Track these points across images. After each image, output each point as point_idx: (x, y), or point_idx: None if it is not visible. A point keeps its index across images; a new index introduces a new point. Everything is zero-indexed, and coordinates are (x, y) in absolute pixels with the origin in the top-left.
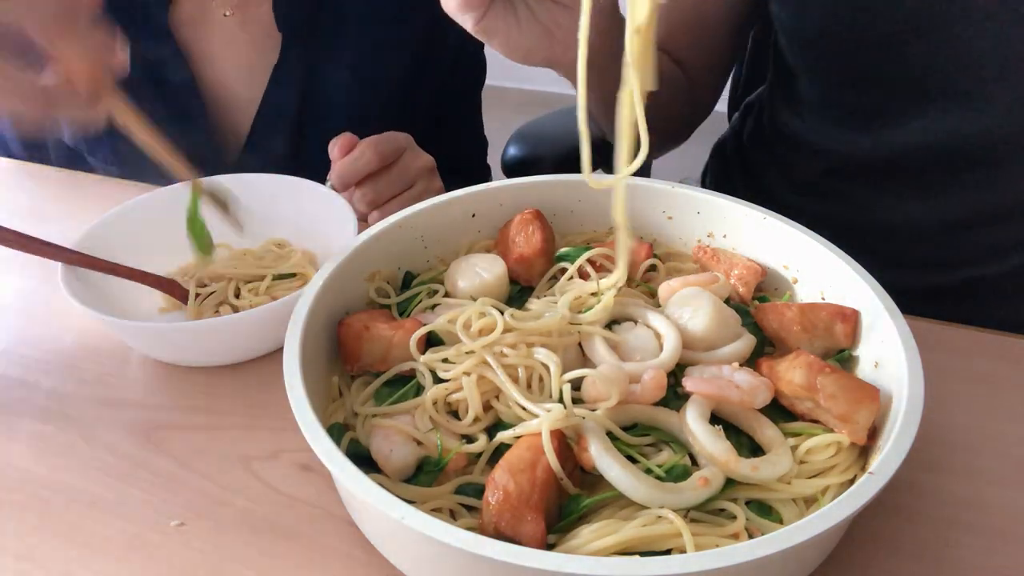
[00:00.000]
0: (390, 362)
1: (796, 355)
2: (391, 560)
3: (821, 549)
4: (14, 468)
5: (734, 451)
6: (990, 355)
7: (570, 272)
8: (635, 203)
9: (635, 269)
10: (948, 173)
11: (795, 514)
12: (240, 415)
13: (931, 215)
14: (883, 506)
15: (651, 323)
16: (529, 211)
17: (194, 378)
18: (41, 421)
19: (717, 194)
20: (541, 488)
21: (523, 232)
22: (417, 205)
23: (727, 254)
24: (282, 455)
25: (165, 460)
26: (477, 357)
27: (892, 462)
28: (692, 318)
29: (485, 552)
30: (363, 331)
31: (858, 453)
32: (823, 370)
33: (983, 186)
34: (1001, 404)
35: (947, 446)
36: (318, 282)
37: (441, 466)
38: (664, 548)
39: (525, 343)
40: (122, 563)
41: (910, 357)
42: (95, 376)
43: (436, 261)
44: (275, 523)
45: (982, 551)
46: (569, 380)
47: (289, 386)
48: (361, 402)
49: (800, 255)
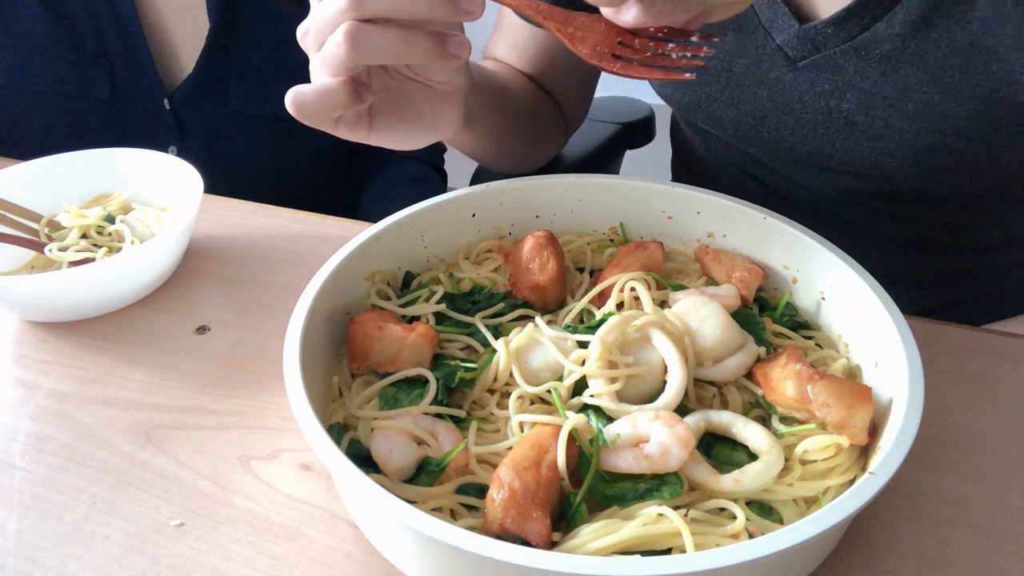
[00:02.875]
0: (399, 364)
1: (787, 360)
2: (391, 560)
3: (821, 549)
4: (14, 468)
5: (713, 471)
6: (990, 355)
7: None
8: (635, 203)
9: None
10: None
11: (795, 514)
12: (240, 415)
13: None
14: (883, 506)
15: (660, 349)
16: (543, 235)
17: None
18: (41, 421)
19: (717, 194)
20: (546, 486)
21: (538, 258)
22: (417, 205)
23: (728, 255)
24: (282, 455)
25: (165, 460)
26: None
27: (892, 462)
28: (701, 326)
29: (486, 552)
30: (375, 330)
31: (858, 453)
32: (812, 378)
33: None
34: (1001, 404)
35: (947, 446)
36: (319, 281)
37: (442, 466)
38: (664, 548)
39: None
40: (122, 563)
41: (910, 357)
42: (95, 376)
43: (436, 261)
44: (275, 523)
45: (982, 551)
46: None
47: (289, 386)
48: (363, 402)
49: (800, 255)
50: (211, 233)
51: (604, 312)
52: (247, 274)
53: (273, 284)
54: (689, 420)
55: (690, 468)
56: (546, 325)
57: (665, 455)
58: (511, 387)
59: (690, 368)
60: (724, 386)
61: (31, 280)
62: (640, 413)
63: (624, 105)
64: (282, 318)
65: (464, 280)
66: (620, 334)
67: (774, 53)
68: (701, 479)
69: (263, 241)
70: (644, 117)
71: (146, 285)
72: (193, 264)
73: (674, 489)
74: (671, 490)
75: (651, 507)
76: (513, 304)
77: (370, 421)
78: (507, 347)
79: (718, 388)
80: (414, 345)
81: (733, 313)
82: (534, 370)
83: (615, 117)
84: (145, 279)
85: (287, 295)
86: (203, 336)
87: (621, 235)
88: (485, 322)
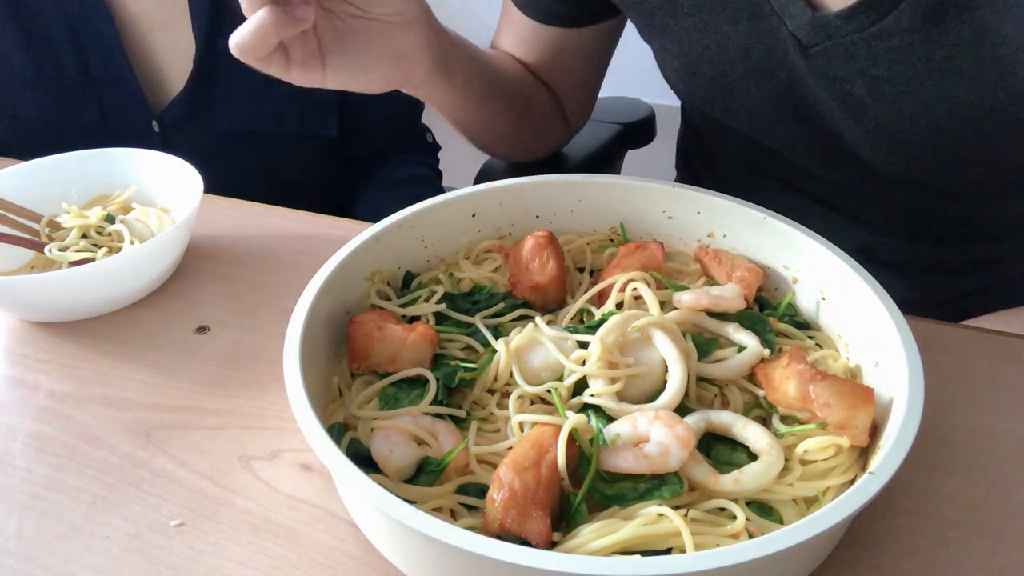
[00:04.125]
0: (399, 364)
1: (789, 360)
2: (391, 560)
3: (821, 549)
4: (14, 468)
5: (713, 471)
6: (990, 355)
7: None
8: (635, 203)
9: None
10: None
11: (795, 514)
12: (240, 415)
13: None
14: (883, 506)
15: (660, 349)
16: (543, 235)
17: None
18: (41, 421)
19: (717, 194)
20: (546, 486)
21: (538, 258)
22: (417, 205)
23: (728, 255)
24: (282, 455)
25: (165, 460)
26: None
27: (892, 462)
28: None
29: (486, 552)
30: (375, 330)
31: (858, 454)
32: (814, 378)
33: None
34: (1001, 404)
35: (947, 446)
36: (319, 281)
37: (442, 466)
38: (664, 548)
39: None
40: (122, 563)
41: (910, 357)
42: (95, 376)
43: (436, 261)
44: (275, 523)
45: (982, 551)
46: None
47: (289, 386)
48: (363, 402)
49: (800, 255)
50: (211, 233)
51: (604, 312)
52: (247, 274)
53: (273, 284)
54: (689, 420)
55: (690, 468)
56: (546, 325)
57: (665, 455)
58: (511, 387)
59: (691, 368)
60: (725, 386)
61: (31, 280)
62: (640, 413)
63: (625, 105)
64: (282, 318)
65: (464, 280)
66: (620, 334)
67: (787, 40)
68: (701, 479)
69: (263, 241)
70: (645, 117)
71: (146, 285)
72: (193, 264)
73: (674, 489)
74: (671, 490)
75: (651, 507)
76: (513, 304)
77: (370, 421)
78: (507, 347)
79: (719, 388)
80: (414, 345)
81: (738, 313)
82: (534, 370)
83: (616, 117)
84: (145, 279)
85: (287, 295)
86: (203, 336)
87: (621, 235)
88: (485, 322)
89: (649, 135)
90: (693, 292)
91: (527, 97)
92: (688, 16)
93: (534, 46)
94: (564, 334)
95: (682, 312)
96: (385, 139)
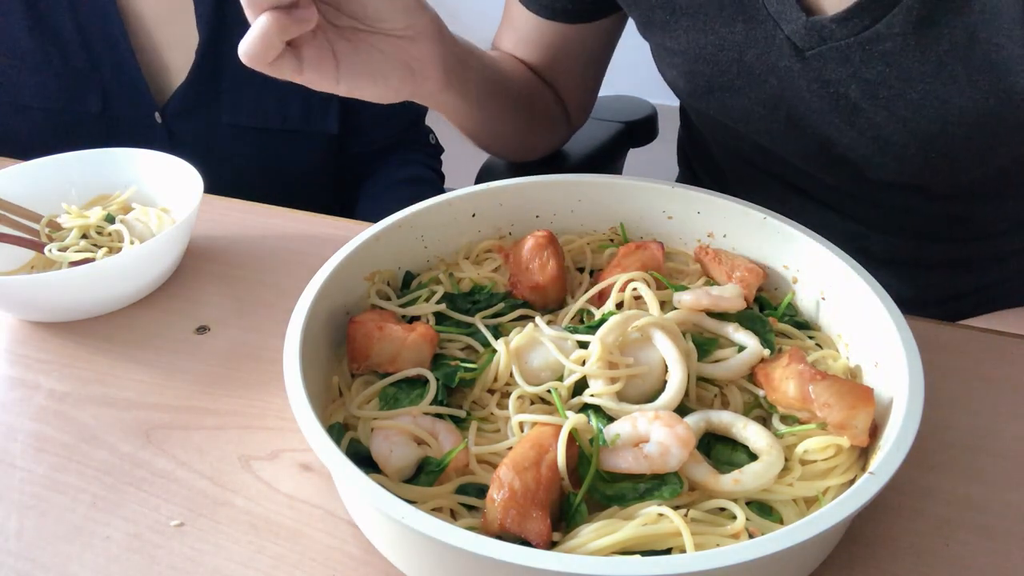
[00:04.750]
0: (399, 364)
1: (789, 360)
2: (391, 560)
3: (821, 549)
4: (14, 468)
5: (713, 471)
6: (990, 355)
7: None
8: (635, 203)
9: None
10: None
11: (795, 514)
12: (240, 415)
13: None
14: (883, 506)
15: (660, 349)
16: (543, 235)
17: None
18: (41, 421)
19: (717, 194)
20: (546, 486)
21: (538, 258)
22: (417, 205)
23: (728, 255)
24: (282, 455)
25: (165, 460)
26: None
27: (892, 462)
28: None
29: (486, 552)
30: (375, 330)
31: (858, 454)
32: (814, 378)
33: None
34: (1001, 404)
35: (947, 446)
36: (319, 281)
37: (442, 466)
38: (664, 548)
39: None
40: (122, 563)
41: (910, 357)
42: (95, 376)
43: (436, 261)
44: (275, 523)
45: (982, 551)
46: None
47: (289, 386)
48: (363, 402)
49: (800, 255)
50: (211, 233)
51: (604, 312)
52: (247, 274)
53: (273, 284)
54: (689, 420)
55: (690, 468)
56: (546, 325)
57: (665, 455)
58: (511, 387)
59: (691, 368)
60: (725, 386)
61: (31, 280)
62: (640, 413)
63: (627, 104)
64: (282, 318)
65: (464, 280)
66: (620, 334)
67: (783, 43)
68: (701, 479)
69: (263, 241)
70: (647, 116)
71: (146, 285)
72: (193, 264)
73: (674, 489)
74: (671, 490)
75: (651, 507)
76: (513, 304)
77: (370, 421)
78: (507, 347)
79: (719, 388)
80: (414, 345)
81: (738, 313)
82: (534, 370)
83: (618, 116)
84: (145, 279)
85: (287, 295)
86: (203, 336)
87: (621, 235)
88: (485, 322)
89: (651, 134)
90: (693, 292)
91: (531, 97)
92: (686, 15)
93: (537, 44)
94: (564, 334)
95: (682, 312)
96: (386, 136)
